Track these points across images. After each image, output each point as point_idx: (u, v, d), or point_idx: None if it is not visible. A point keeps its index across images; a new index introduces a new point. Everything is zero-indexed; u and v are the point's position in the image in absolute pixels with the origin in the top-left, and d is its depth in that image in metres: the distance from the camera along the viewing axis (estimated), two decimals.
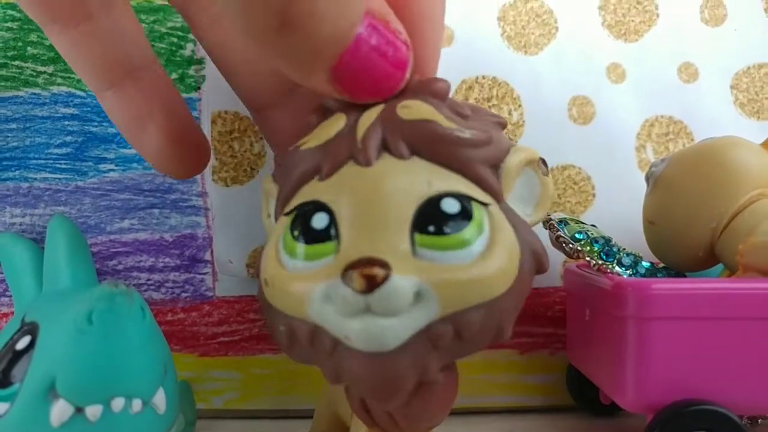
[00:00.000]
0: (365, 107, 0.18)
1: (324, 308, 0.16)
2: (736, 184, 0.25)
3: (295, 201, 0.18)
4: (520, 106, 0.32)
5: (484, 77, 0.32)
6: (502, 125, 0.19)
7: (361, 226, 0.16)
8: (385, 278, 0.15)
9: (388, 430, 0.19)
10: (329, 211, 0.17)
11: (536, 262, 0.17)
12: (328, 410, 0.24)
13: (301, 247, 0.17)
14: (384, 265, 0.15)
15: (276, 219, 0.19)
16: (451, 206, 0.16)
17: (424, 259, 0.16)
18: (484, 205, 0.17)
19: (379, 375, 0.15)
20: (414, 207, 0.16)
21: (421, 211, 0.16)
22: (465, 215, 0.16)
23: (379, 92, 0.18)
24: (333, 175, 0.17)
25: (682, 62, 0.33)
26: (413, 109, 0.18)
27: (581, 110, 0.32)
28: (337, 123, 0.18)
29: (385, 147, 0.17)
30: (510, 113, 0.31)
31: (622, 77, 0.32)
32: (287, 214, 0.18)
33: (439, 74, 0.19)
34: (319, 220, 0.17)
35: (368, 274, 0.15)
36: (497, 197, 0.17)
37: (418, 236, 0.16)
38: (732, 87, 0.33)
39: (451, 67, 0.31)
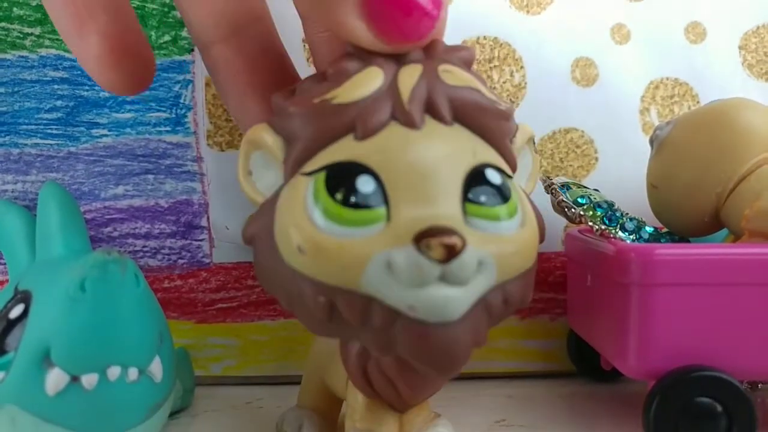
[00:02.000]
0: (400, 64, 0.17)
1: (383, 277, 0.15)
2: (743, 148, 0.25)
3: (323, 159, 0.16)
4: (522, 67, 0.31)
5: (485, 38, 0.31)
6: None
7: (413, 193, 0.16)
8: (463, 248, 0.15)
9: (388, 399, 0.19)
10: (374, 174, 0.16)
11: (540, 232, 0.18)
12: (316, 380, 0.23)
13: (347, 212, 0.16)
14: (461, 236, 0.15)
15: (286, 176, 0.17)
16: (495, 177, 0.17)
17: (476, 228, 0.16)
18: (509, 177, 0.17)
19: (442, 346, 0.15)
20: (463, 175, 0.16)
21: (469, 180, 0.16)
22: (505, 188, 0.17)
23: (414, 33, 0.16)
24: (374, 136, 0.16)
25: (690, 22, 0.32)
26: (455, 74, 0.17)
27: (584, 72, 0.31)
28: (374, 78, 0.17)
29: (429, 110, 0.17)
30: (512, 75, 0.31)
31: (627, 38, 0.32)
32: (310, 173, 0.16)
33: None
34: (365, 184, 0.16)
35: (449, 244, 0.15)
36: (514, 170, 0.18)
37: (469, 205, 0.16)
38: (740, 47, 0.32)
39: (451, 27, 0.30)
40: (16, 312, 0.21)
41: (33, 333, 0.20)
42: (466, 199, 0.16)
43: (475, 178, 0.16)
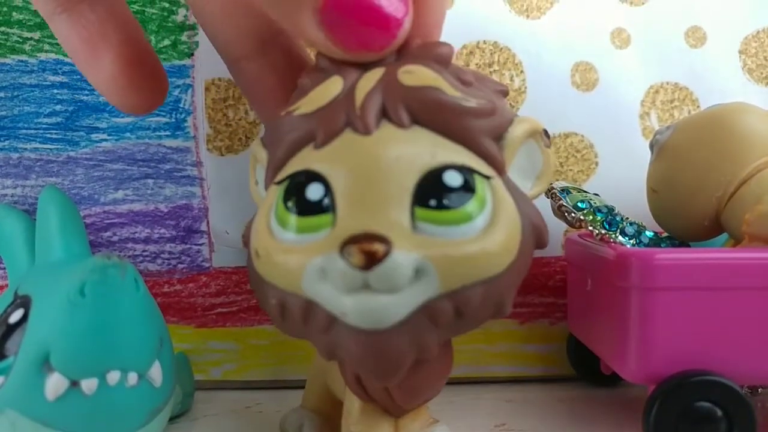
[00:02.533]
0: (363, 71, 0.17)
1: (319, 283, 0.15)
2: (743, 152, 0.25)
3: (288, 169, 0.17)
4: (521, 72, 0.31)
5: (485, 42, 0.31)
6: (505, 93, 0.19)
7: (358, 199, 0.15)
8: (386, 254, 0.14)
9: (383, 404, 0.19)
10: (324, 182, 0.16)
11: (536, 237, 0.17)
12: (319, 383, 0.23)
13: (294, 219, 0.16)
14: (384, 240, 0.15)
15: (266, 187, 0.18)
16: (453, 179, 0.16)
17: (424, 233, 0.15)
18: (487, 178, 0.16)
19: (376, 353, 0.15)
20: (415, 179, 0.16)
21: (422, 183, 0.16)
22: (467, 189, 0.16)
23: (373, 42, 0.16)
24: (329, 144, 0.16)
25: (690, 26, 0.32)
26: (416, 74, 0.17)
27: (584, 76, 0.31)
28: (333, 87, 0.17)
29: (385, 114, 0.16)
30: (512, 79, 0.31)
31: (627, 42, 0.32)
32: (279, 183, 0.17)
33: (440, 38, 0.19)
34: (314, 191, 0.16)
35: (368, 250, 0.14)
36: (500, 170, 0.17)
37: (418, 210, 0.15)
38: (740, 52, 0.32)
39: (451, 31, 0.30)
40: (15, 317, 0.21)
41: (33, 338, 0.20)
42: (418, 203, 0.15)
43: (431, 181, 0.16)
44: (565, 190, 0.27)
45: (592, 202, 0.27)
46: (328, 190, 0.16)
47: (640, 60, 0.32)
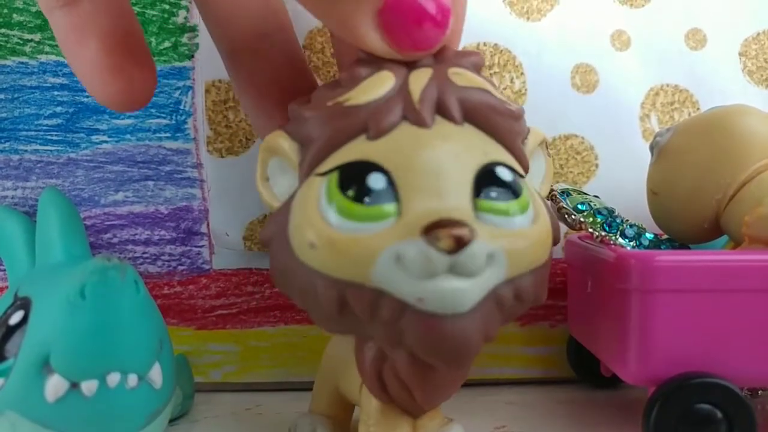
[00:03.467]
0: (410, 68, 0.18)
1: (393, 270, 0.15)
2: (743, 154, 0.25)
3: (336, 159, 0.17)
4: (522, 74, 0.31)
5: (485, 44, 0.31)
6: None
7: (424, 189, 0.16)
8: (471, 239, 0.15)
9: (403, 404, 0.19)
10: (385, 172, 0.16)
11: (555, 233, 0.18)
12: (329, 386, 0.23)
13: (358, 208, 0.16)
14: (470, 227, 0.15)
15: (302, 178, 0.18)
16: (505, 175, 0.17)
17: (487, 223, 0.16)
18: (521, 176, 0.18)
19: (451, 338, 0.16)
20: (473, 173, 0.16)
21: (479, 177, 0.16)
22: (516, 184, 0.17)
23: (426, 41, 0.17)
24: (385, 136, 0.17)
25: (690, 28, 0.32)
26: (465, 76, 0.18)
27: (584, 78, 0.31)
28: (386, 81, 0.17)
29: (440, 111, 0.17)
30: (512, 81, 0.31)
31: (627, 44, 0.32)
32: (324, 173, 0.17)
33: None
34: (376, 181, 0.16)
35: (458, 235, 0.15)
36: (526, 171, 0.18)
37: (479, 201, 0.16)
38: (740, 54, 0.32)
39: None
40: (15, 318, 0.21)
41: (33, 339, 0.20)
42: (476, 195, 0.16)
43: (486, 175, 0.17)
44: (565, 192, 0.27)
45: (592, 204, 0.27)
46: (390, 181, 0.16)
47: (640, 62, 0.32)
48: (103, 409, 0.20)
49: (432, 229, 0.15)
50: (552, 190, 0.27)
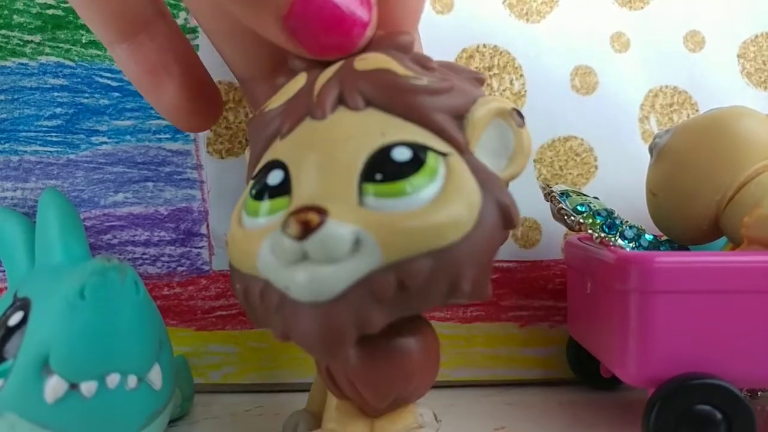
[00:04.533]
0: (327, 65, 0.18)
1: (270, 260, 0.16)
2: (742, 156, 0.25)
3: (261, 163, 0.18)
4: (521, 75, 0.31)
5: (485, 46, 0.31)
6: (480, 81, 0.19)
7: (309, 179, 0.16)
8: (320, 223, 0.15)
9: (356, 401, 0.19)
10: (284, 167, 0.17)
11: (503, 216, 0.16)
12: (322, 386, 0.23)
13: (256, 204, 0.17)
14: (320, 210, 0.15)
15: (247, 184, 0.19)
16: (401, 154, 0.16)
17: (370, 208, 0.15)
18: (442, 155, 0.16)
19: (318, 326, 0.15)
20: (365, 157, 0.16)
21: (371, 160, 0.16)
22: (416, 163, 0.16)
23: (335, 47, 0.17)
24: (291, 133, 0.17)
25: (688, 30, 0.32)
26: (368, 60, 0.17)
27: (584, 80, 0.31)
28: (299, 82, 0.18)
29: (342, 100, 0.17)
30: (511, 83, 0.31)
31: (626, 46, 0.32)
32: (254, 177, 0.18)
33: (439, 42, 0.19)
34: (274, 177, 0.17)
35: (303, 219, 0.15)
36: (460, 148, 0.17)
37: (366, 185, 0.16)
38: (739, 56, 0.32)
39: (451, 35, 0.30)
40: (15, 319, 0.21)
41: (32, 340, 0.20)
42: (366, 179, 0.16)
43: (379, 158, 0.16)
44: (565, 194, 0.27)
45: (591, 205, 0.27)
46: (287, 175, 0.17)
47: (639, 64, 0.32)
48: (103, 410, 0.20)
49: (287, 218, 0.15)
50: (551, 191, 0.27)
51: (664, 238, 0.28)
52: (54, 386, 0.20)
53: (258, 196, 0.17)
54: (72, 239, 0.26)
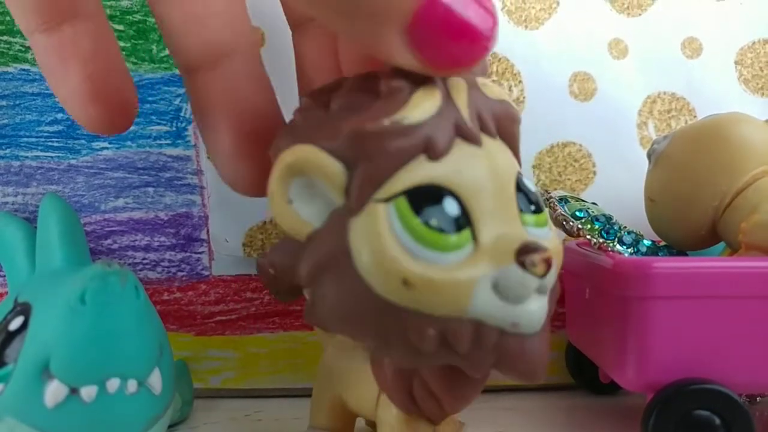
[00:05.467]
0: (444, 78, 0.16)
1: (490, 299, 0.15)
2: (740, 162, 0.25)
3: (398, 183, 0.15)
4: (520, 82, 0.31)
5: None
6: None
7: (490, 211, 0.16)
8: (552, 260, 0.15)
9: (429, 412, 0.19)
10: (455, 196, 0.16)
11: None
12: (328, 399, 0.23)
13: (442, 238, 0.15)
14: (547, 249, 0.15)
15: (361, 204, 0.16)
16: (531, 185, 0.17)
17: (532, 236, 0.16)
18: None
19: (539, 353, 0.16)
20: (514, 187, 0.17)
21: (516, 190, 0.17)
22: (537, 193, 0.17)
23: (464, 59, 0.15)
24: (446, 156, 0.16)
25: (686, 37, 0.32)
26: (491, 88, 0.18)
27: (582, 86, 0.32)
28: (435, 96, 0.16)
29: (480, 125, 0.17)
30: (510, 89, 0.31)
31: (624, 53, 0.32)
32: (388, 199, 0.15)
33: None
34: (451, 207, 0.15)
35: (548, 258, 0.15)
36: None
37: (522, 215, 0.17)
38: (736, 63, 0.32)
39: None
40: (15, 324, 0.21)
41: (32, 345, 0.20)
42: (521, 209, 0.17)
43: (521, 188, 0.17)
44: (563, 199, 0.27)
45: (589, 211, 0.27)
46: (461, 204, 0.16)
47: (637, 70, 0.32)
48: (103, 414, 0.20)
49: (524, 255, 0.15)
50: (550, 197, 0.27)
51: (663, 243, 0.28)
52: (54, 391, 0.20)
53: (443, 229, 0.15)
54: (73, 244, 0.26)
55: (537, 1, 0.32)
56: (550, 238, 0.17)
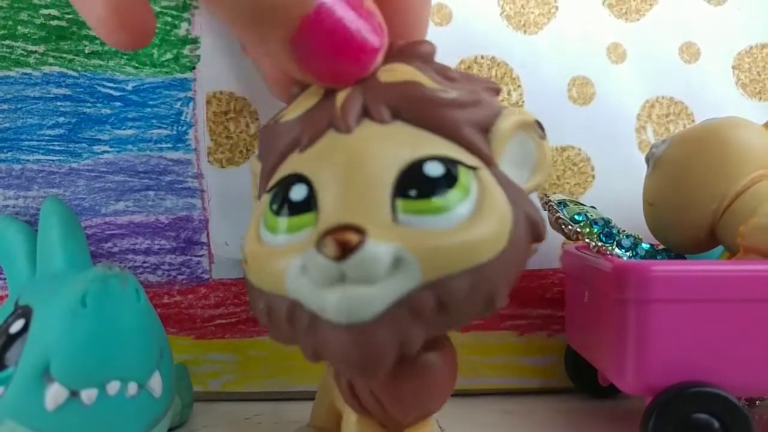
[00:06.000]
0: None
1: (301, 281, 0.15)
2: (738, 165, 0.25)
3: (277, 176, 0.17)
4: (519, 86, 0.31)
5: (482, 57, 0.31)
6: (496, 91, 0.18)
7: (340, 195, 0.15)
8: (360, 243, 0.14)
9: (378, 416, 0.18)
10: (308, 182, 0.16)
11: (532, 229, 0.16)
12: (327, 400, 0.23)
13: (278, 221, 0.16)
14: (358, 230, 0.14)
15: (260, 197, 0.18)
16: (434, 169, 0.16)
17: (405, 225, 0.15)
18: (472, 169, 0.16)
19: (357, 347, 0.15)
20: (395, 172, 0.15)
21: (402, 176, 0.15)
22: (449, 179, 0.16)
23: (345, 74, 0.16)
24: (312, 146, 0.17)
25: (684, 42, 0.32)
26: (395, 71, 0.17)
27: (581, 91, 0.32)
28: (317, 93, 0.17)
29: (366, 113, 0.16)
30: (509, 93, 0.31)
31: (623, 57, 0.32)
32: (269, 190, 0.17)
33: (438, 53, 0.19)
34: (298, 192, 0.16)
35: (341, 239, 0.14)
36: (487, 161, 0.17)
37: (400, 201, 0.15)
38: (734, 67, 0.33)
39: (449, 46, 0.30)
40: (16, 327, 0.21)
41: (33, 348, 0.20)
42: (399, 195, 0.15)
43: (411, 173, 0.16)
44: (562, 203, 0.27)
45: (588, 214, 0.27)
46: (312, 190, 0.16)
47: (635, 75, 0.32)
48: (103, 417, 0.20)
49: (322, 237, 0.15)
50: (549, 200, 0.28)
51: (661, 247, 0.28)
52: (54, 393, 0.20)
53: (279, 212, 0.16)
54: (73, 247, 0.26)
55: (536, 5, 0.32)
56: (440, 228, 0.15)
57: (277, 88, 0.21)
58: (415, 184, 0.15)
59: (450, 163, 0.16)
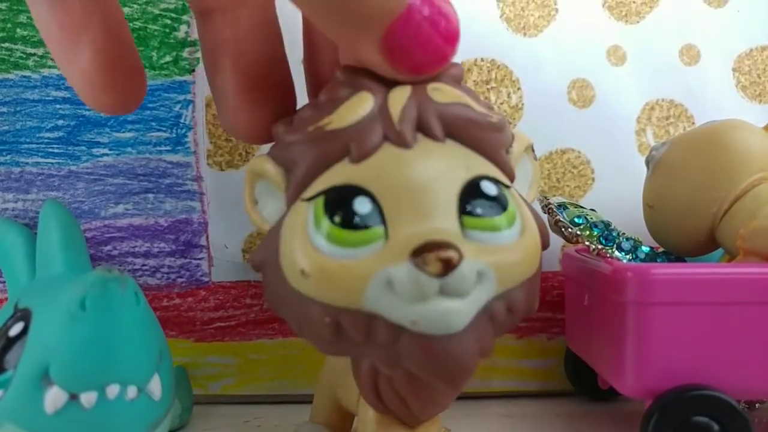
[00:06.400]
0: (389, 87, 0.18)
1: (385, 295, 0.15)
2: (738, 168, 0.25)
3: (320, 184, 0.17)
4: (519, 89, 0.31)
5: (482, 59, 0.31)
6: (493, 110, 0.20)
7: (409, 211, 0.16)
8: (459, 261, 0.15)
9: (400, 414, 0.19)
10: (370, 196, 0.16)
11: (543, 240, 0.18)
12: (329, 396, 0.23)
13: (345, 234, 0.16)
14: (457, 248, 0.15)
15: (290, 203, 0.18)
16: (490, 189, 0.17)
17: (475, 240, 0.16)
18: (507, 187, 0.18)
19: (448, 357, 0.16)
20: (458, 190, 0.16)
21: (464, 193, 0.16)
22: (501, 197, 0.17)
23: (428, 66, 0.17)
24: (368, 158, 0.17)
25: (684, 44, 0.32)
26: (444, 91, 0.18)
27: (581, 93, 0.32)
28: (365, 102, 0.17)
29: (420, 128, 0.17)
30: (509, 96, 0.31)
31: (623, 60, 0.32)
32: (309, 199, 0.17)
33: None
34: (362, 205, 0.16)
35: (445, 258, 0.15)
36: (512, 180, 0.18)
37: (465, 218, 0.16)
38: (734, 70, 0.33)
39: None
40: (15, 330, 0.21)
41: (32, 351, 0.20)
42: (463, 212, 0.16)
43: (471, 191, 0.17)
44: (562, 206, 0.27)
45: (588, 217, 0.27)
46: (375, 203, 0.16)
47: (635, 77, 0.32)
48: (102, 420, 0.20)
49: (420, 253, 0.15)
50: (549, 203, 0.28)
51: (661, 250, 0.28)
52: (54, 397, 0.20)
53: (345, 225, 0.16)
54: (73, 250, 0.26)
55: (536, 8, 0.32)
56: (504, 244, 0.16)
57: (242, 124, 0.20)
58: (478, 202, 0.16)
59: (498, 183, 0.17)
